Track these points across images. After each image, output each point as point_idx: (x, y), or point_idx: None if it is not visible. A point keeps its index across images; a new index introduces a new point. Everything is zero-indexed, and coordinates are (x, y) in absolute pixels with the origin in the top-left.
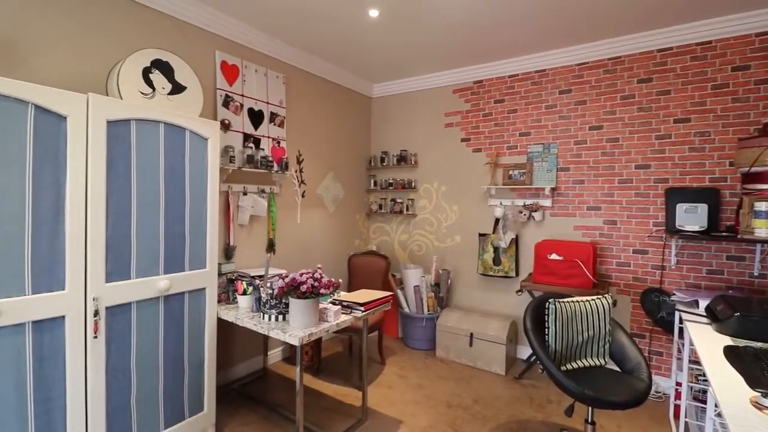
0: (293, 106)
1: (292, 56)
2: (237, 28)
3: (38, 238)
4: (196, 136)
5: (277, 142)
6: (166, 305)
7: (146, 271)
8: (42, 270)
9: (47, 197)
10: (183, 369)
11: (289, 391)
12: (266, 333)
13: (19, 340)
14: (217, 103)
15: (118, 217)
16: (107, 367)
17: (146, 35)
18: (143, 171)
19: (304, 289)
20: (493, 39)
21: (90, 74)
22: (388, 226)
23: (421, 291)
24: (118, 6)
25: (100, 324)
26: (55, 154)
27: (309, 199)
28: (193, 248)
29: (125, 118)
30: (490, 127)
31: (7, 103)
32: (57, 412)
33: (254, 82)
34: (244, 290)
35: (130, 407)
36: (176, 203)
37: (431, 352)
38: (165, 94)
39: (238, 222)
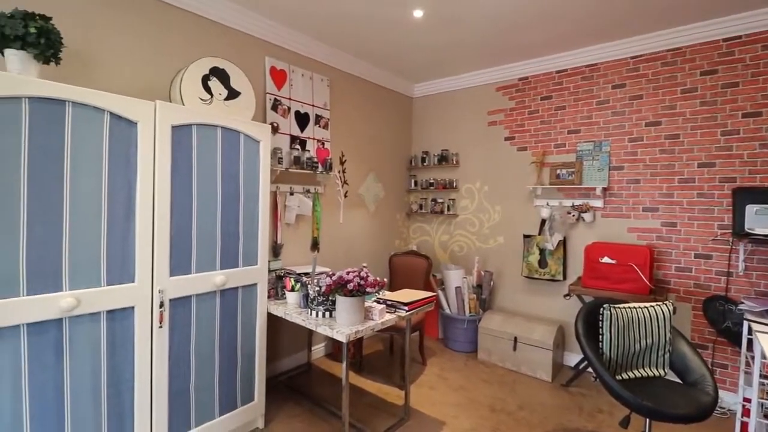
0: (337, 108)
1: (336, 59)
2: (285, 35)
3: (112, 234)
4: (249, 138)
5: (321, 144)
6: (222, 299)
7: (204, 266)
8: (115, 264)
9: (120, 197)
10: (236, 360)
11: (332, 386)
12: (314, 329)
13: (95, 327)
14: (266, 106)
15: (180, 215)
16: (170, 354)
17: (204, 45)
18: (203, 172)
19: (350, 288)
20: (539, 34)
21: (155, 83)
22: (428, 226)
23: (462, 292)
24: (178, 19)
25: (164, 315)
26: (127, 157)
27: (351, 199)
28: (245, 246)
29: (187, 123)
30: (536, 124)
31: (87, 110)
32: (126, 394)
33: (300, 86)
34: (292, 287)
35: (189, 393)
36: (231, 203)
37: (473, 354)
38: (222, 99)
39: (285, 221)
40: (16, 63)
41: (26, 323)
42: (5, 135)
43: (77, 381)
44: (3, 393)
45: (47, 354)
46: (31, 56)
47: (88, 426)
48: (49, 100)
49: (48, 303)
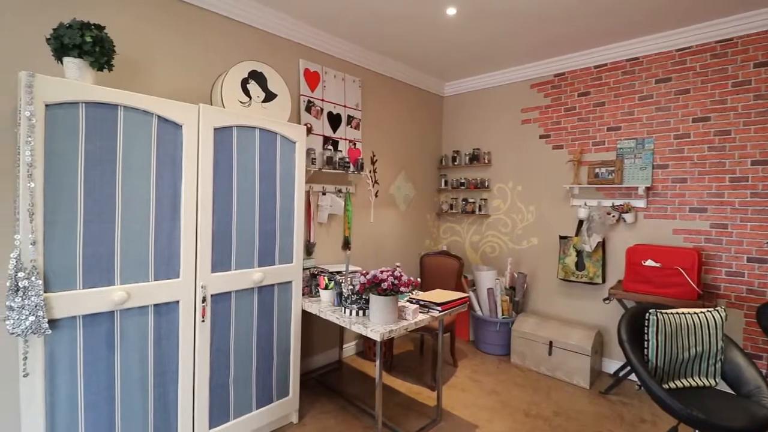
0: (368, 109)
1: (368, 60)
2: (318, 37)
3: (159, 232)
4: (286, 139)
5: (353, 144)
6: (259, 296)
7: (243, 263)
8: (162, 260)
9: (166, 197)
10: (272, 355)
11: (363, 384)
12: (348, 327)
13: (143, 320)
14: (300, 108)
15: (221, 214)
16: (211, 348)
17: (243, 49)
18: (242, 172)
19: (385, 287)
20: (576, 27)
21: (197, 86)
22: (459, 227)
23: (495, 294)
24: (217, 25)
25: (206, 309)
26: (173, 159)
27: (381, 198)
28: (282, 244)
29: (228, 125)
30: (573, 122)
31: (137, 114)
32: (171, 384)
33: (333, 87)
34: (326, 285)
35: (228, 385)
36: (268, 202)
37: (505, 357)
38: (259, 102)
39: (318, 220)
40: (74, 70)
41: (82, 315)
42: (66, 138)
43: (127, 370)
44: (61, 380)
45: (100, 344)
46: (87, 64)
47: (137, 413)
48: (103, 104)
49: (102, 296)
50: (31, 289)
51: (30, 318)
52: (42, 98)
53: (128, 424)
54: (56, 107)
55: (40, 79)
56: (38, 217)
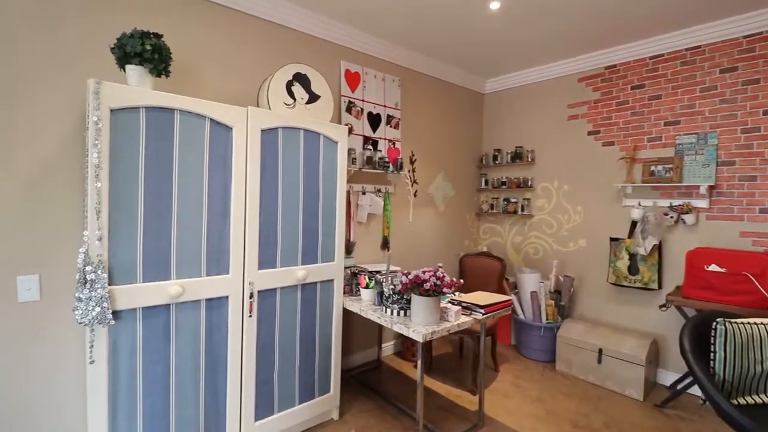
0: (408, 108)
1: (408, 59)
2: (359, 38)
3: (211, 230)
4: (328, 140)
5: (392, 144)
6: (302, 293)
7: (288, 261)
8: (213, 257)
9: (217, 196)
10: (315, 352)
11: (402, 384)
12: (389, 326)
13: (196, 314)
14: (341, 108)
15: (268, 213)
16: (257, 342)
17: (287, 52)
18: (287, 173)
19: (427, 287)
20: (629, 17)
21: (245, 90)
22: (500, 227)
23: (539, 297)
24: (264, 30)
25: (253, 305)
26: (224, 160)
27: (420, 198)
28: (324, 242)
29: (274, 127)
30: (626, 116)
31: (192, 117)
32: (221, 376)
33: (373, 87)
34: (366, 284)
35: (273, 380)
36: (311, 201)
37: (549, 364)
38: (303, 103)
39: (357, 219)
40: (135, 77)
41: (142, 307)
42: (128, 141)
43: (181, 361)
44: (122, 367)
45: (157, 335)
46: (147, 70)
47: (189, 402)
48: (161, 109)
49: (159, 290)
50: (97, 281)
51: (96, 309)
52: (107, 104)
53: (181, 412)
54: (120, 112)
55: (106, 86)
56: (104, 214)
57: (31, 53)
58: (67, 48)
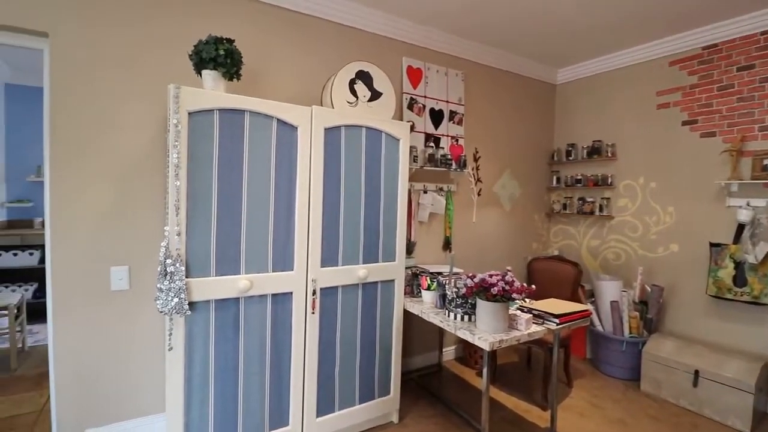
0: (472, 103)
1: (472, 51)
2: (421, 33)
3: (277, 227)
4: (390, 137)
5: (455, 140)
6: (363, 292)
7: (349, 259)
8: (279, 253)
9: (283, 194)
10: (375, 352)
11: (463, 391)
12: (453, 331)
13: (263, 308)
14: (403, 106)
15: (330, 211)
16: (320, 339)
17: (350, 52)
18: (349, 171)
19: (494, 292)
20: None
21: (309, 90)
22: (573, 229)
23: (620, 308)
24: (328, 31)
25: (316, 302)
26: (289, 159)
27: (485, 197)
28: (385, 242)
29: (337, 125)
30: (731, 103)
31: (260, 118)
32: (285, 370)
33: (435, 83)
34: (428, 285)
35: (334, 377)
36: (373, 200)
37: (632, 383)
38: (365, 101)
39: (418, 219)
40: (210, 81)
41: (214, 299)
42: (203, 142)
43: (249, 352)
44: (196, 355)
45: (228, 327)
46: (220, 74)
47: (256, 393)
48: (233, 110)
49: (230, 284)
50: (176, 274)
51: (174, 299)
52: (185, 107)
53: (249, 401)
54: (196, 114)
55: (184, 91)
56: (182, 211)
57: (120, 63)
58: (152, 56)
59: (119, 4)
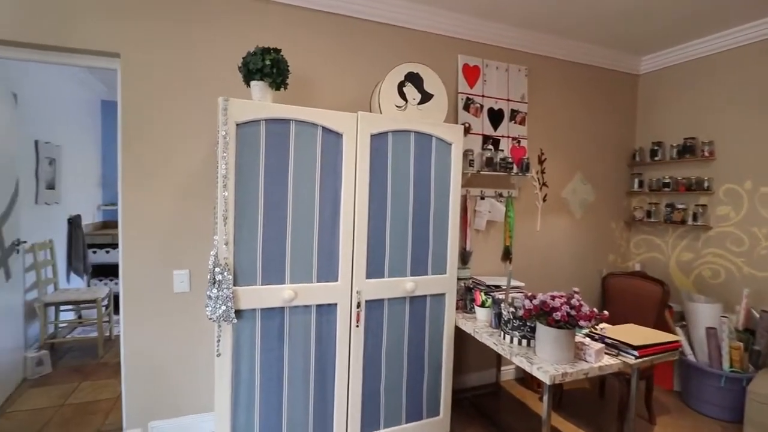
0: (536, 100)
1: (536, 44)
2: (479, 28)
3: (322, 237)
4: (441, 141)
5: (517, 142)
6: (411, 306)
7: (396, 271)
8: (323, 264)
9: (328, 203)
10: (423, 369)
11: (525, 417)
12: (508, 356)
13: (307, 318)
14: (458, 107)
15: (376, 220)
16: (364, 353)
17: (399, 53)
18: (396, 178)
19: (558, 317)
20: None
21: (357, 96)
22: (659, 240)
23: (719, 336)
24: (375, 32)
25: (361, 315)
26: (334, 167)
27: (551, 203)
28: (435, 253)
29: (384, 131)
30: None
31: (305, 126)
32: (329, 383)
33: (495, 81)
34: (482, 302)
35: (379, 394)
36: (422, 208)
37: (732, 425)
38: (415, 104)
39: (474, 227)
40: (257, 92)
41: (260, 308)
42: (250, 152)
43: (293, 362)
44: (243, 363)
45: (273, 336)
46: (267, 84)
47: (300, 403)
48: (279, 120)
49: (275, 293)
50: (224, 282)
51: (222, 307)
52: (234, 119)
53: (293, 411)
54: (244, 125)
55: (233, 102)
56: (230, 221)
57: (180, 78)
58: (208, 70)
59: (177, 20)
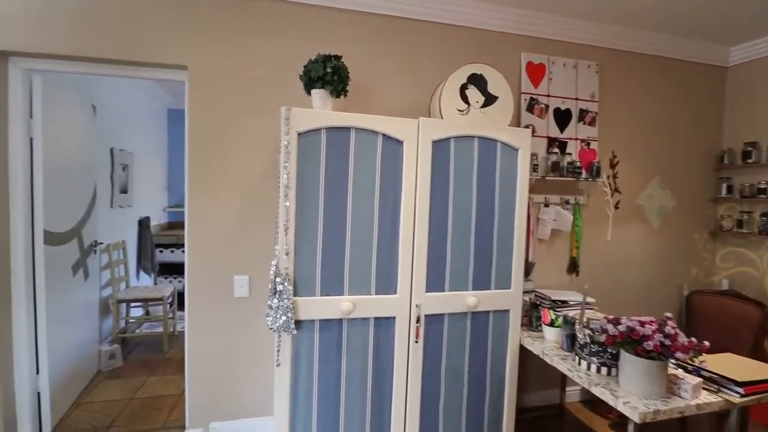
0: (607, 98)
1: (608, 37)
2: (544, 22)
3: (381, 247)
4: (507, 147)
5: (586, 144)
6: (473, 322)
7: (457, 285)
8: (382, 275)
9: (387, 213)
10: (484, 389)
11: None
12: (586, 386)
13: (365, 331)
14: (521, 108)
15: (436, 231)
16: (423, 370)
17: (459, 54)
18: (458, 186)
19: (649, 347)
20: None
21: (416, 102)
22: (753, 254)
23: None
24: (433, 34)
25: (420, 330)
26: (394, 175)
27: (624, 211)
28: (499, 266)
29: (446, 137)
30: None
31: (365, 134)
32: (386, 398)
33: (561, 79)
34: (551, 321)
35: (438, 413)
36: (485, 218)
37: None
38: (478, 107)
39: (538, 236)
40: (318, 100)
41: (319, 319)
42: (311, 161)
43: (351, 376)
44: (301, 373)
45: (331, 348)
46: (328, 92)
47: (357, 417)
48: (339, 128)
49: (334, 304)
50: (284, 292)
51: (282, 317)
52: (296, 128)
53: (350, 425)
54: (305, 134)
55: (294, 112)
56: (291, 231)
57: (243, 88)
58: (269, 80)
59: (239, 32)
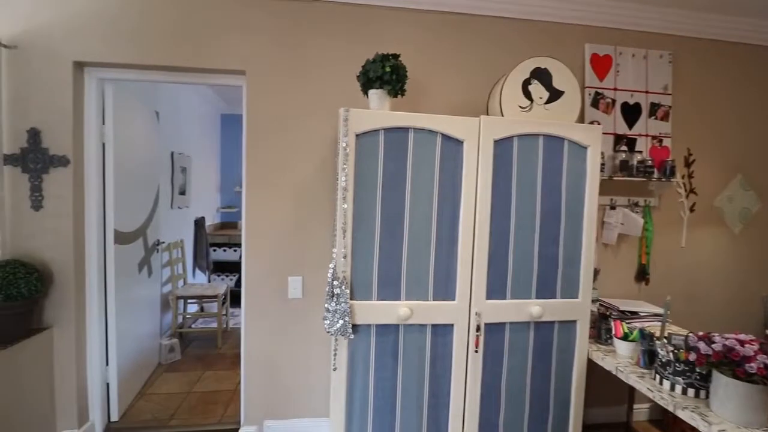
0: (682, 91)
1: (681, 23)
2: (609, 10)
3: (439, 252)
4: (575, 145)
5: (658, 141)
6: (536, 332)
7: (519, 293)
8: (440, 281)
9: (446, 216)
10: (548, 405)
11: None
12: (671, 409)
13: (422, 338)
14: (585, 103)
15: (498, 236)
16: (482, 381)
17: (518, 48)
18: (521, 189)
19: (752, 371)
20: None
21: (474, 99)
22: None
23: None
24: (490, 28)
25: (480, 339)
26: (453, 177)
27: (700, 214)
28: (565, 273)
29: (509, 136)
30: None
31: (424, 134)
32: (442, 409)
33: (630, 70)
34: (624, 334)
35: (497, 427)
36: (550, 222)
37: None
38: (542, 104)
39: (603, 241)
40: (375, 100)
41: (375, 324)
42: (369, 163)
43: (407, 385)
44: (357, 378)
45: (387, 353)
46: (386, 92)
47: (412, 426)
48: (397, 129)
49: (390, 309)
50: (341, 296)
51: (340, 321)
52: (354, 129)
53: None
54: (363, 136)
55: (353, 113)
56: (348, 234)
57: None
58: (325, 81)
59: (295, 35)
